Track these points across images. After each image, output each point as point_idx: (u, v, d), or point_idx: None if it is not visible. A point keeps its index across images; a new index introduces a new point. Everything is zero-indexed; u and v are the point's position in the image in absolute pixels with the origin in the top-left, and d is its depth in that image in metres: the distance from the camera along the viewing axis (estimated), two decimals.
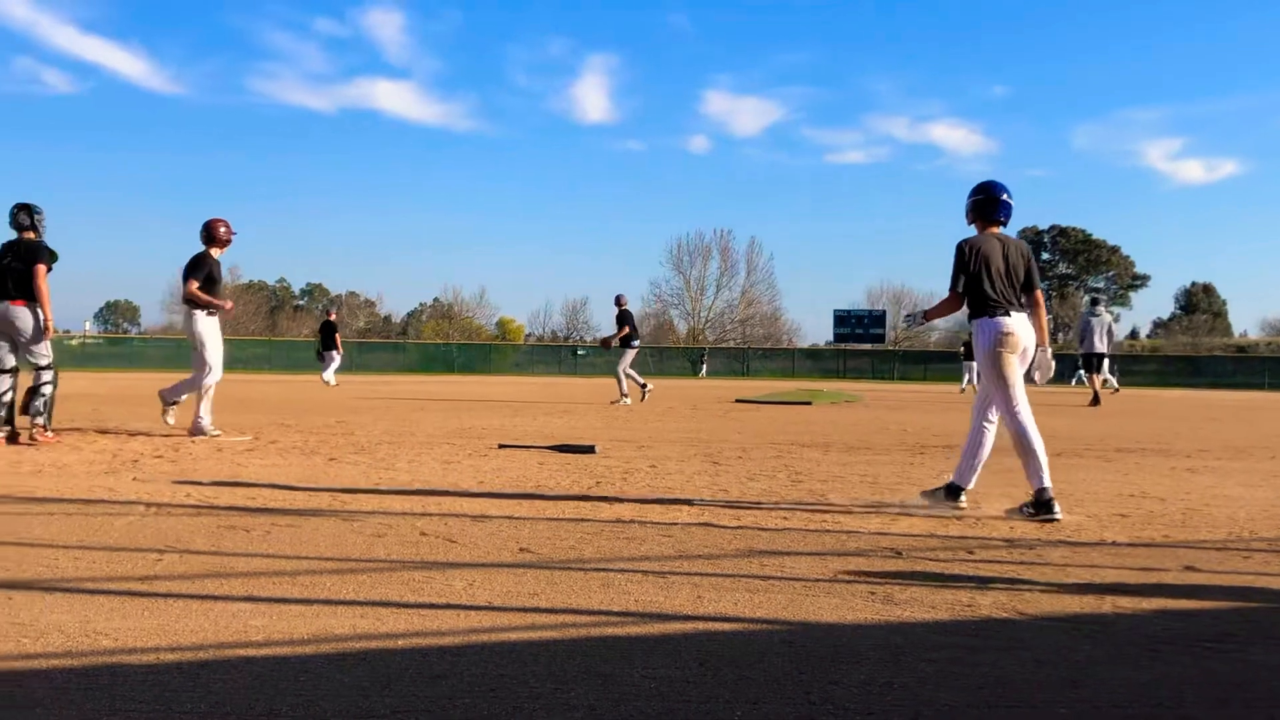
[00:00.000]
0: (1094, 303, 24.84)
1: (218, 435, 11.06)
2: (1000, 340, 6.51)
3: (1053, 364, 6.82)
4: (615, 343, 20.85)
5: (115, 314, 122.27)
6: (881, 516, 6.31)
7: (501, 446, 10.23)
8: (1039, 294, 6.81)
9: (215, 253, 11.50)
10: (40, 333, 10.20)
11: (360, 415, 15.41)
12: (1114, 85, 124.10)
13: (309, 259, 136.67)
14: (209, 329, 11.17)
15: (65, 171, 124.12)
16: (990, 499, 6.96)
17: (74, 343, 71.56)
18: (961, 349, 40.25)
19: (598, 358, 70.00)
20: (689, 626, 3.63)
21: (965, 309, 6.76)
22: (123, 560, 4.62)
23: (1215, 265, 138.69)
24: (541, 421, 14.81)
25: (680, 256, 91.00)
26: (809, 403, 22.08)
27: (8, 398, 10.12)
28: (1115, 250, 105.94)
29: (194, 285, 11.11)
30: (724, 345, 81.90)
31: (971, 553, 5.20)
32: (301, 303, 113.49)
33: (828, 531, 5.74)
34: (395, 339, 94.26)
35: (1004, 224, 6.83)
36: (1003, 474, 7.83)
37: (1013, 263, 6.66)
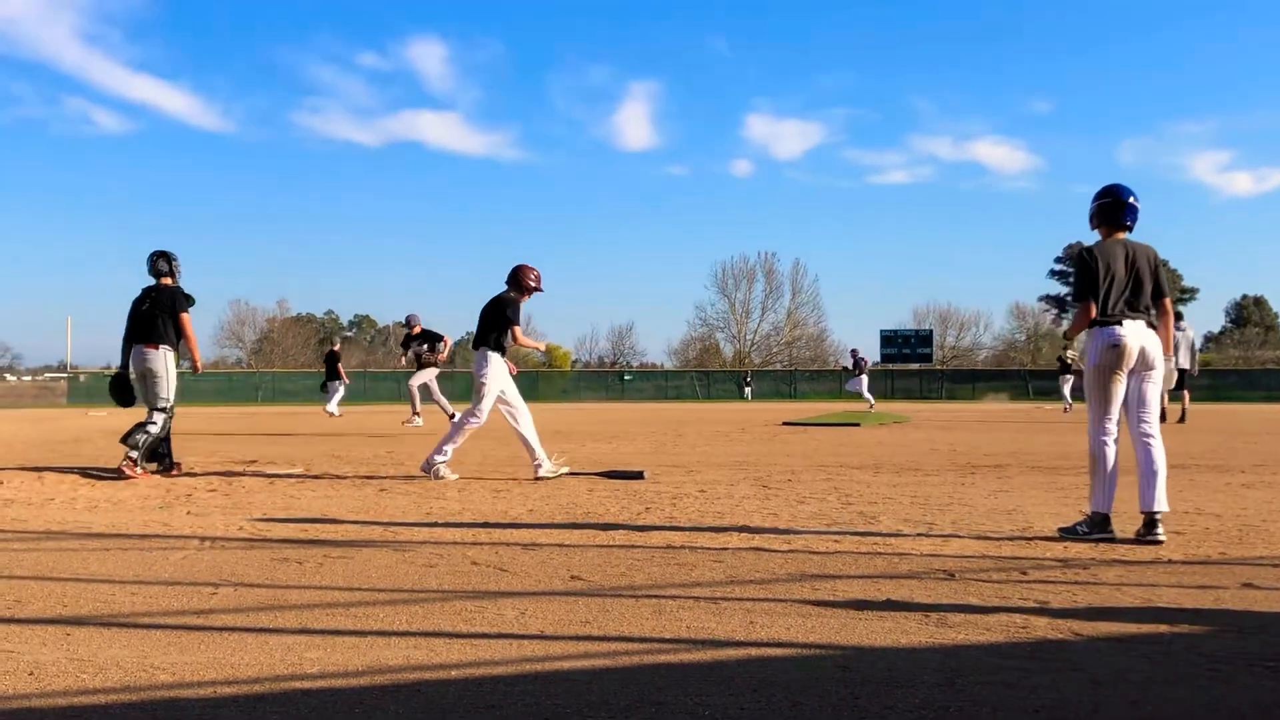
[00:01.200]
0: (1178, 318, 24.50)
1: (452, 478, 10.11)
2: (1109, 351, 6.34)
3: (1174, 374, 6.67)
4: (444, 357, 21.00)
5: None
6: (933, 539, 6.27)
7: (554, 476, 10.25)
8: (1167, 302, 6.55)
9: (522, 299, 10.98)
10: (164, 377, 10.61)
11: (409, 445, 15.48)
12: (1160, 99, 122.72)
13: (356, 291, 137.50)
14: (499, 373, 10.68)
15: (115, 209, 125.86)
16: (1043, 518, 6.90)
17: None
18: (1058, 363, 38.72)
19: (645, 382, 70.04)
20: (742, 653, 3.62)
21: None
22: (178, 594, 4.66)
23: (1266, 277, 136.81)
24: (590, 448, 14.84)
25: (725, 280, 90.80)
26: (857, 424, 21.97)
27: (160, 434, 10.59)
28: (1164, 264, 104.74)
29: (519, 330, 10.74)
30: (770, 368, 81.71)
31: (1025, 574, 5.16)
32: (350, 334, 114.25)
33: (879, 554, 5.71)
34: (443, 368, 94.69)
35: (1130, 229, 6.58)
36: (1056, 492, 7.78)
37: (1139, 269, 6.43)
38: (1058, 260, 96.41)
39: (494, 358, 10.54)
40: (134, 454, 10.36)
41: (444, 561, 5.46)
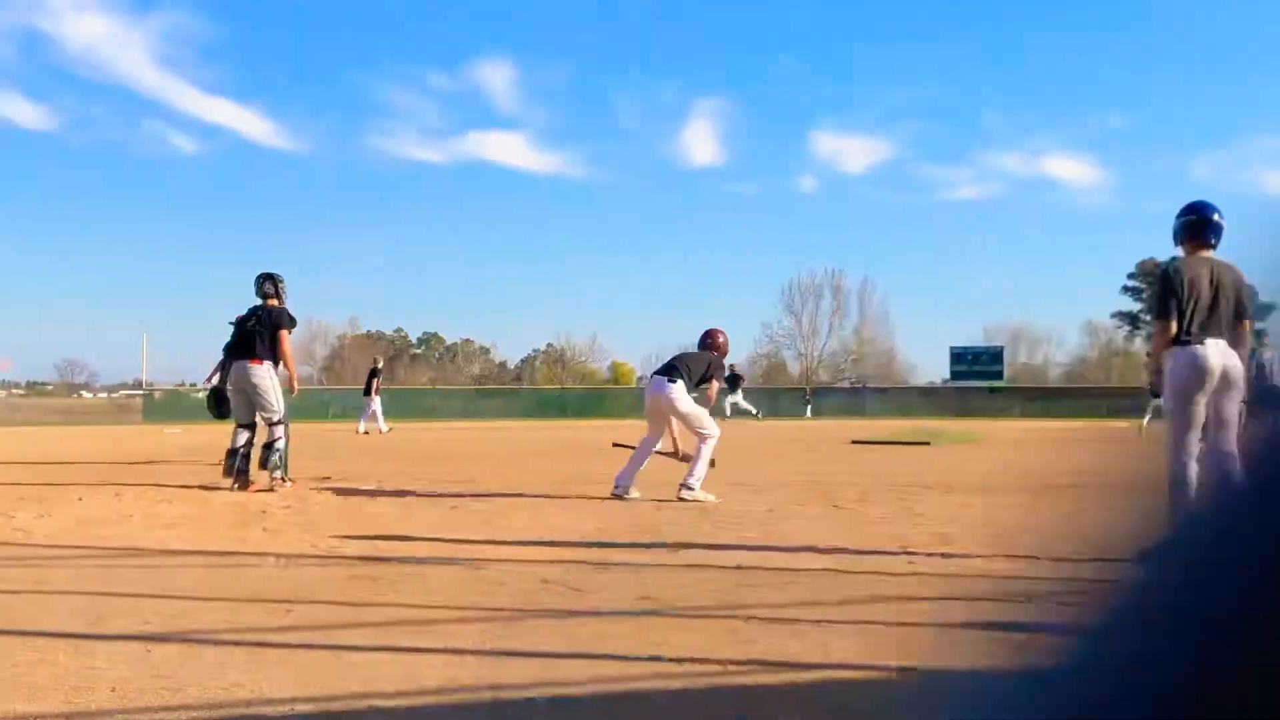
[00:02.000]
0: (1259, 335, 24.06)
1: (712, 501, 9.78)
2: (1191, 372, 6.23)
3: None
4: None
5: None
6: (1009, 560, 6.19)
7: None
8: (1247, 324, 6.36)
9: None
10: (268, 391, 10.89)
11: (479, 463, 15.56)
12: (1235, 112, 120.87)
13: (425, 308, 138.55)
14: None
15: (193, 230, 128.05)
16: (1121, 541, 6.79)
17: (201, 395, 73.47)
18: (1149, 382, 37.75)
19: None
20: (818, 675, 3.60)
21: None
22: (255, 611, 4.72)
23: None
24: (658, 463, 14.82)
25: (792, 297, 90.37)
26: (928, 443, 21.74)
27: (244, 449, 10.78)
28: (1247, 285, 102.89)
29: (714, 390, 11.37)
30: (838, 385, 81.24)
31: None
32: (419, 351, 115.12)
33: (955, 576, 5.64)
34: (510, 385, 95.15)
35: (1214, 246, 6.45)
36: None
37: (1222, 288, 6.29)
38: (1131, 276, 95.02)
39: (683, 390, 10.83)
40: (276, 472, 10.73)
41: (515, 580, 5.48)
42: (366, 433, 28.61)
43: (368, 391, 29.80)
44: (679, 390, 10.67)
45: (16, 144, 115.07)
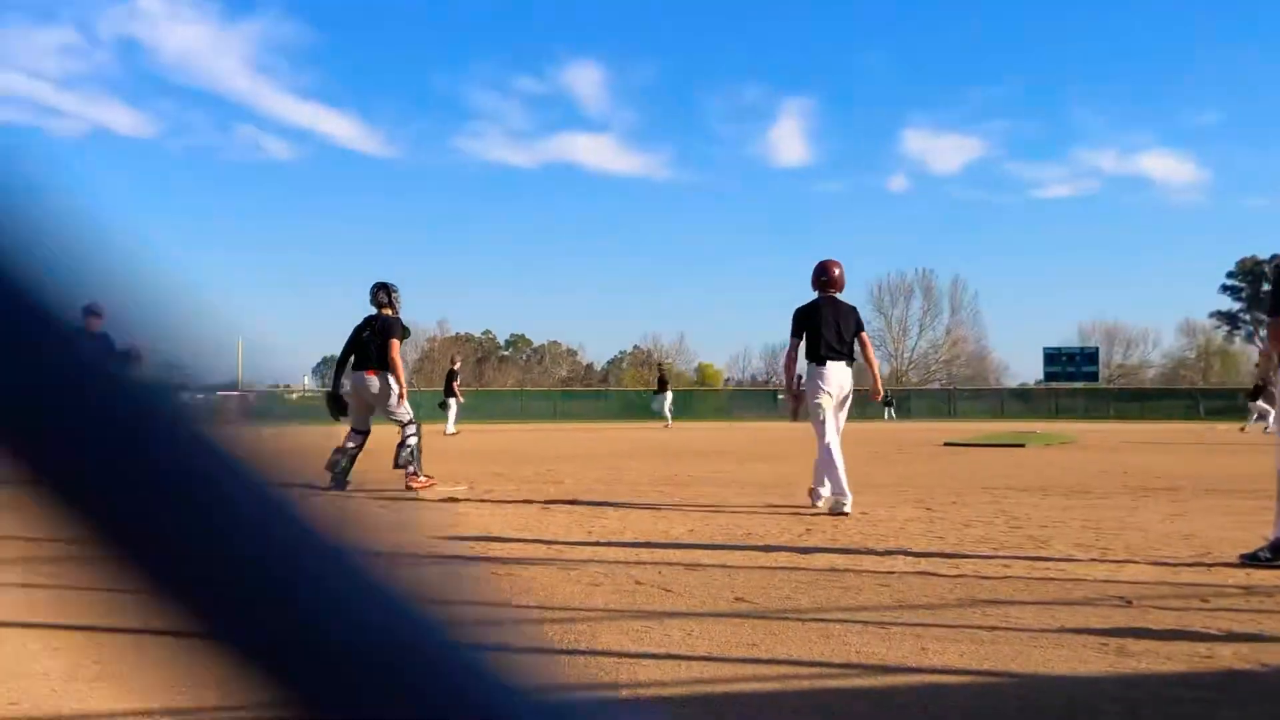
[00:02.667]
0: None
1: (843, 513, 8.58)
2: None
3: None
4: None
5: (329, 368, 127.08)
6: (1107, 564, 6.08)
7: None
8: None
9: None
10: (392, 398, 11.12)
11: (568, 464, 15.64)
12: None
13: (512, 310, 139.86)
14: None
15: (284, 233, 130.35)
16: (1221, 543, 6.65)
17: (294, 397, 74.69)
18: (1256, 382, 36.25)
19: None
20: (914, 679, 3.56)
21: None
22: None
23: None
24: (748, 467, 14.80)
25: (881, 297, 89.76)
26: (1022, 445, 21.46)
27: (351, 451, 10.99)
28: None
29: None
30: (929, 387, 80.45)
31: (1206, 601, 4.96)
32: (506, 353, 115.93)
33: (1052, 580, 5.56)
34: (597, 386, 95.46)
35: None
36: (1234, 516, 7.49)
37: None
38: (1230, 275, 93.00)
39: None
40: (410, 468, 11.04)
41: (608, 580, 5.49)
42: (456, 433, 28.98)
43: (450, 392, 30.16)
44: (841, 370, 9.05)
45: (115, 150, 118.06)
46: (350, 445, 11.00)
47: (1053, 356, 69.09)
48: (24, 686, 3.41)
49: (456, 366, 32.26)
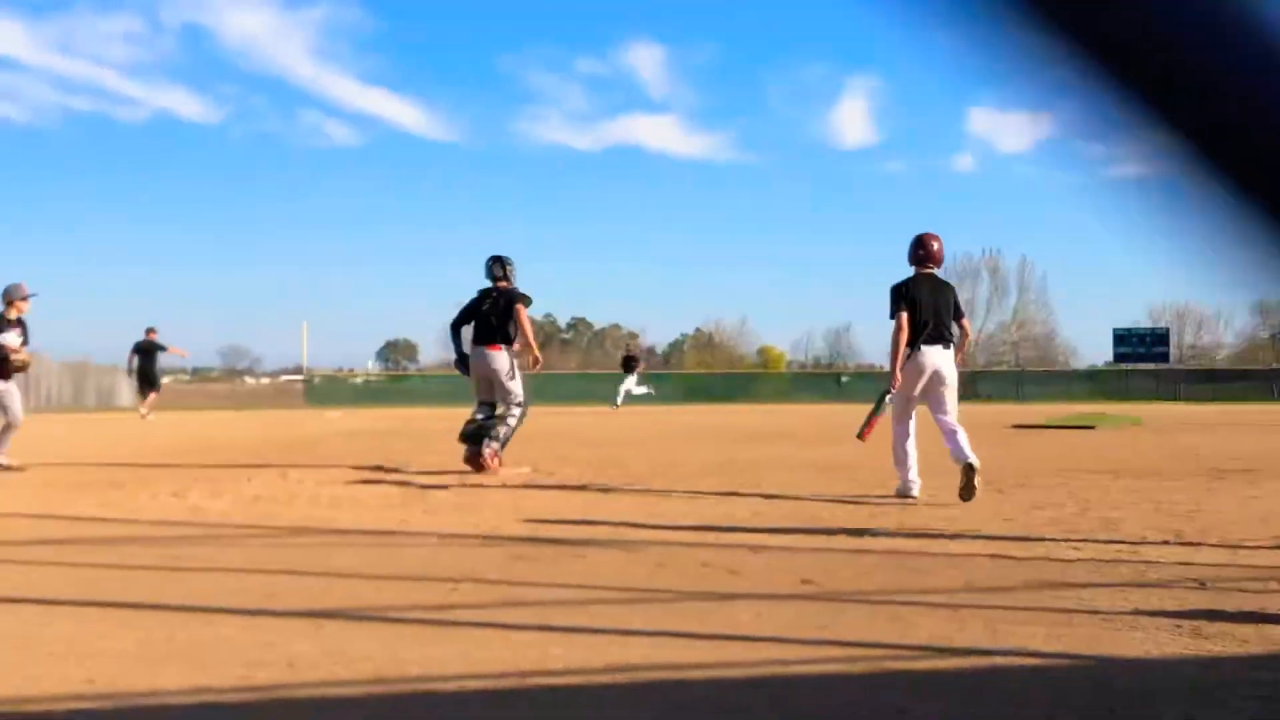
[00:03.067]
0: None
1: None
2: None
3: None
4: None
5: (395, 352, 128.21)
6: (1181, 546, 5.97)
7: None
8: None
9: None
10: (513, 375, 11.11)
11: (631, 447, 15.63)
12: None
13: (573, 293, 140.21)
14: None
15: (348, 218, 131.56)
16: None
17: (359, 380, 75.54)
18: None
19: (863, 384, 69.06)
20: (986, 662, 3.51)
21: None
22: (421, 589, 4.81)
23: None
24: (811, 450, 14.72)
25: (947, 279, 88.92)
26: (1092, 427, 21.14)
27: (482, 421, 11.09)
28: None
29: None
30: (996, 369, 79.61)
31: None
32: (567, 337, 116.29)
33: (1124, 562, 5.47)
34: (657, 369, 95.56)
35: None
36: None
37: None
38: None
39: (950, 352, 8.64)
40: (494, 444, 10.93)
41: (674, 562, 5.48)
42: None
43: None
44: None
45: (180, 136, 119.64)
46: (480, 417, 11.08)
47: (1122, 337, 68.01)
48: (98, 665, 3.45)
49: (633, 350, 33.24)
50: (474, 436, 10.99)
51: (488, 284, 11.49)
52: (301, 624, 4.09)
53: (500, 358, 11.09)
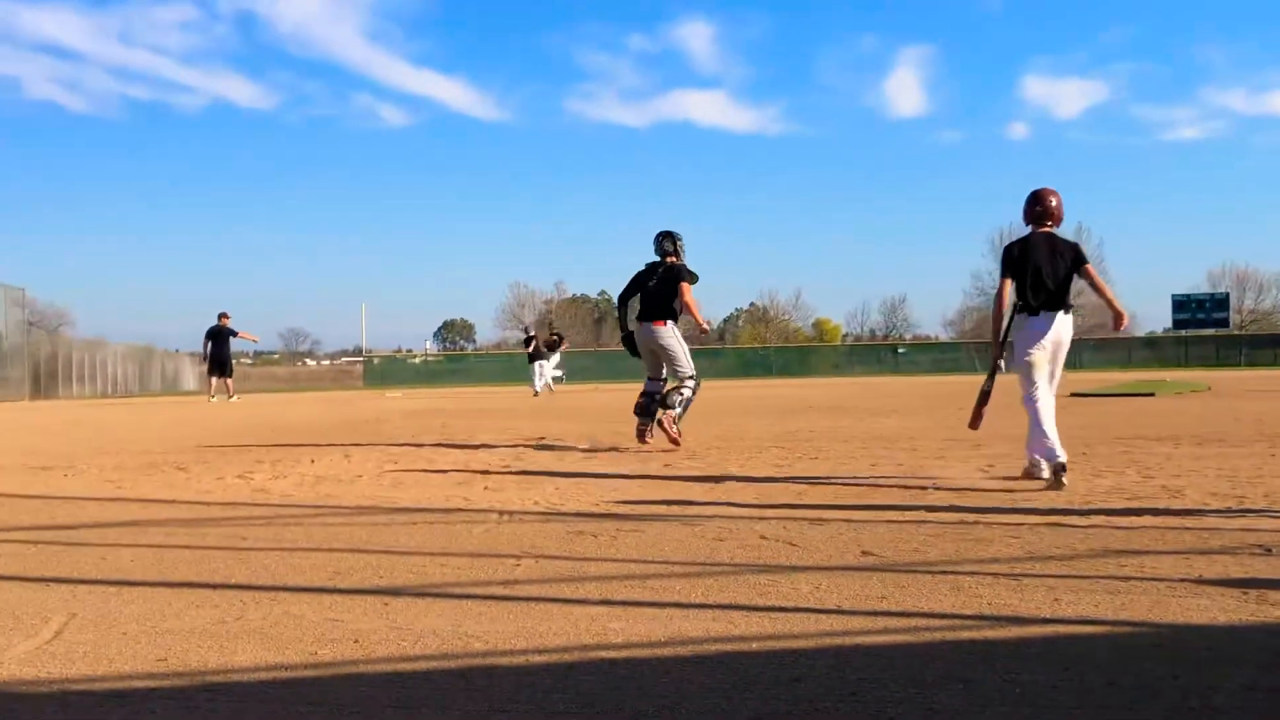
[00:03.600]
0: None
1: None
2: None
3: None
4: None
5: (452, 332, 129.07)
6: (1245, 514, 5.92)
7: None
8: None
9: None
10: (679, 350, 11.25)
11: (687, 422, 15.64)
12: None
13: (628, 270, 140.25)
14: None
15: (402, 200, 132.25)
16: None
17: (416, 361, 76.05)
18: None
19: (921, 355, 68.60)
20: (1048, 630, 3.51)
21: None
22: (484, 565, 4.86)
23: None
24: (869, 422, 14.68)
25: (1002, 246, 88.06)
26: (1152, 394, 20.93)
27: (654, 394, 11.24)
28: None
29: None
30: None
31: None
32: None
33: (1187, 529, 5.43)
34: (713, 345, 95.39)
35: None
36: None
37: None
38: None
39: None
40: (673, 411, 11.09)
41: (733, 535, 5.50)
42: (538, 393, 29.73)
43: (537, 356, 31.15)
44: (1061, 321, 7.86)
45: (236, 123, 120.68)
46: (686, 389, 11.21)
47: (1181, 304, 67.15)
48: (168, 643, 3.53)
49: (534, 334, 33.36)
50: (645, 409, 11.14)
51: (655, 259, 11.58)
52: (368, 601, 4.16)
53: (665, 333, 11.19)
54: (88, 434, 12.20)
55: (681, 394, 11.09)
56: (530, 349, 32.40)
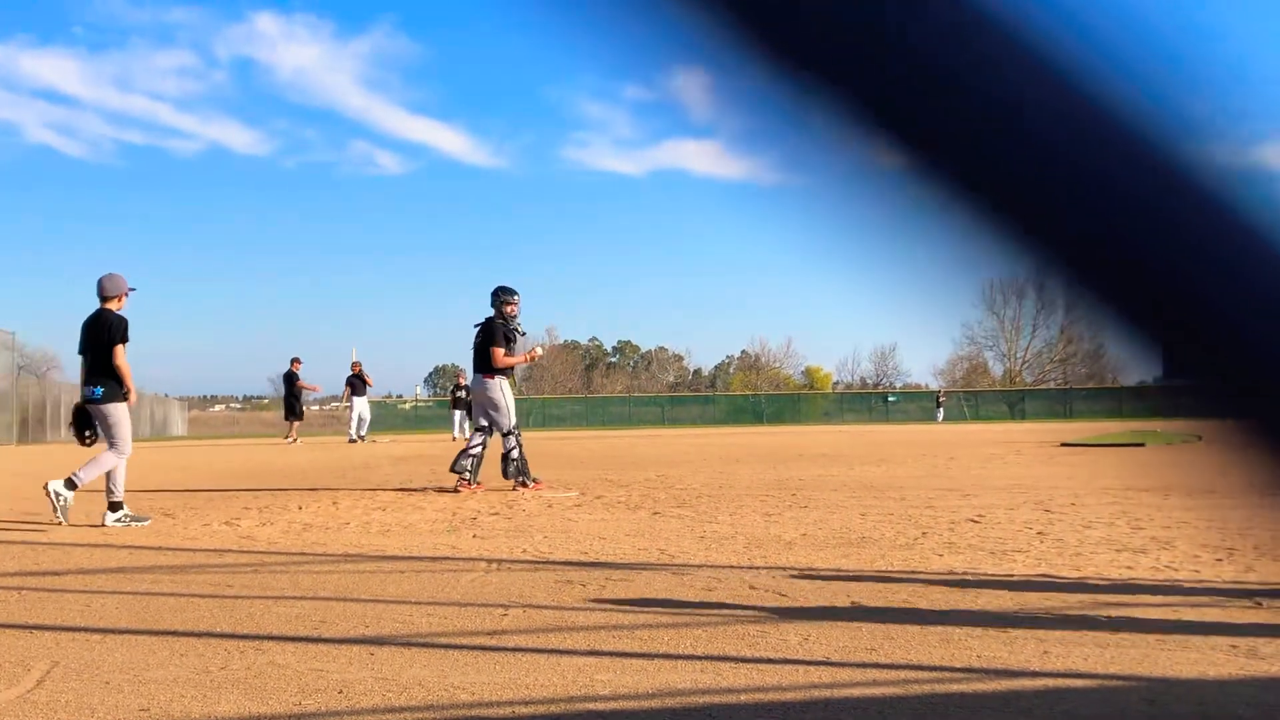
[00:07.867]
0: None
1: None
2: None
3: None
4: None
5: (443, 378, 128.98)
6: (1235, 565, 5.91)
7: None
8: None
9: None
10: (502, 403, 11.47)
11: (678, 468, 15.63)
12: None
13: (619, 317, 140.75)
14: None
15: (396, 246, 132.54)
16: None
17: (406, 406, 75.91)
18: None
19: (910, 403, 68.69)
20: (1038, 683, 3.49)
21: None
22: (471, 615, 4.83)
23: None
24: (858, 471, 14.65)
25: (993, 296, 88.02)
26: (1142, 444, 20.91)
27: (476, 451, 11.49)
28: None
29: None
30: (1043, 387, 78.93)
31: None
32: (614, 360, 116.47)
33: (1177, 581, 5.42)
34: (704, 392, 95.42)
35: None
36: None
37: None
38: None
39: None
40: (520, 479, 11.58)
41: (722, 585, 5.48)
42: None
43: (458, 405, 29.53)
44: None
45: (233, 169, 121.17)
46: (474, 443, 11.51)
47: None
48: (151, 692, 3.49)
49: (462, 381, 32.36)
50: (466, 470, 11.42)
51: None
52: (354, 651, 4.12)
53: (490, 385, 11.52)
54: (61, 474, 12.12)
55: (512, 459, 11.55)
56: (454, 397, 30.21)
